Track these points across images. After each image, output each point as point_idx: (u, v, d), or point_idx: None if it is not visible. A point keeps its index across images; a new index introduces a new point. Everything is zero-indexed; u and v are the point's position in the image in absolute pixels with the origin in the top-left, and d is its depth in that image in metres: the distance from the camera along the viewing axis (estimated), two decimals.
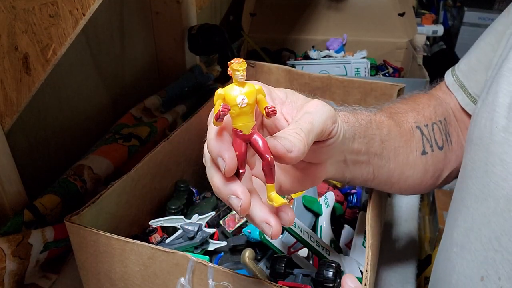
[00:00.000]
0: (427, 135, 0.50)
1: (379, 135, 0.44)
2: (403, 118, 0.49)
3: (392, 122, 0.47)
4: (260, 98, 0.30)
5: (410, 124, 0.49)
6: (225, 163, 0.29)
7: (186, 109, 0.88)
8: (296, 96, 0.35)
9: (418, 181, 0.50)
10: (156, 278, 0.43)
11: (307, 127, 0.31)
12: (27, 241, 0.52)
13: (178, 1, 0.87)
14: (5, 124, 0.52)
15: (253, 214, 0.30)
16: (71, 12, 0.46)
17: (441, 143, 0.51)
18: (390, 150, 0.46)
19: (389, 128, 0.46)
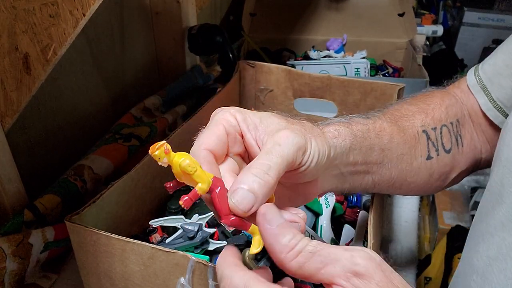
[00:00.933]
0: (434, 139, 0.48)
1: (379, 144, 0.43)
2: (409, 122, 0.47)
3: (395, 129, 0.45)
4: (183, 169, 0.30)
5: (416, 128, 0.47)
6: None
7: (186, 109, 0.88)
8: (270, 120, 0.34)
9: (422, 185, 0.48)
10: (156, 278, 0.43)
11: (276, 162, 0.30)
12: (27, 241, 0.52)
13: (178, 1, 0.88)
14: (5, 123, 0.52)
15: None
16: (71, 12, 0.46)
17: (449, 146, 0.49)
18: (392, 158, 0.44)
19: (391, 136, 0.44)
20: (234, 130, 0.34)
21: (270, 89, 0.80)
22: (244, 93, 0.82)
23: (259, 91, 0.81)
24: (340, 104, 0.76)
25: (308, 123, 0.37)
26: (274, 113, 0.36)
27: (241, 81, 0.80)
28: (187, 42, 0.91)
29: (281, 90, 0.79)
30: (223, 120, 0.34)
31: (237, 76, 0.78)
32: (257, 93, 0.81)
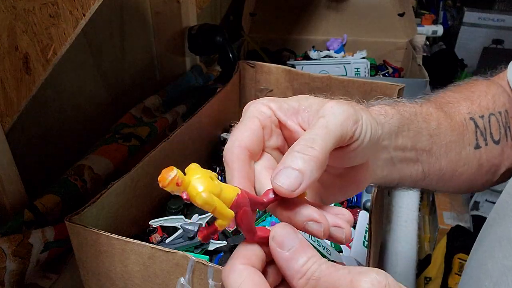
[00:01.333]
0: (482, 128, 0.44)
1: (427, 128, 0.39)
2: (455, 108, 0.44)
3: (441, 114, 0.42)
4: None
5: (463, 115, 0.44)
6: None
7: (186, 109, 0.88)
8: (309, 101, 0.31)
9: (473, 177, 0.45)
10: (156, 278, 0.43)
11: (321, 134, 0.27)
12: (27, 241, 0.52)
13: (178, 1, 0.88)
14: (5, 123, 0.52)
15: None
16: (71, 12, 0.46)
17: (498, 137, 0.45)
18: (441, 145, 0.41)
19: (439, 121, 0.41)
20: (270, 121, 0.31)
21: (270, 89, 0.80)
22: (244, 93, 0.82)
23: (259, 91, 0.81)
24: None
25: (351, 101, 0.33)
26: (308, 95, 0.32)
27: (241, 81, 0.80)
28: (187, 42, 0.91)
29: (281, 90, 0.79)
30: (256, 113, 0.31)
31: (237, 76, 0.78)
32: (257, 93, 0.81)
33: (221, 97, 0.74)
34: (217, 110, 0.74)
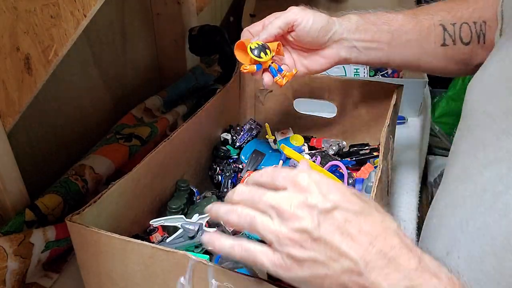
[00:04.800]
0: (451, 31, 0.56)
1: (387, 28, 0.56)
2: (427, 16, 0.57)
3: (408, 19, 0.57)
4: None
5: (433, 21, 0.56)
6: None
7: (187, 110, 0.89)
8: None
9: (442, 66, 0.59)
10: (157, 278, 0.43)
11: (273, 20, 0.56)
12: (28, 240, 0.52)
13: (178, 2, 0.88)
14: (7, 124, 0.52)
15: None
16: (72, 13, 0.46)
17: (468, 40, 0.56)
18: (401, 41, 0.57)
19: (402, 24, 0.57)
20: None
21: (270, 90, 0.80)
22: (244, 93, 0.82)
23: (259, 92, 0.81)
24: (340, 105, 0.76)
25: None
26: None
27: (241, 81, 0.80)
28: (187, 43, 0.91)
29: (280, 91, 0.79)
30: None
31: (237, 76, 0.79)
32: (257, 93, 0.81)
33: (221, 97, 0.74)
34: (217, 110, 0.74)
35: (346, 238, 0.32)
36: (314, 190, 0.33)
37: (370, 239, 0.32)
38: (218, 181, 0.71)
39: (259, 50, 0.53)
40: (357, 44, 0.57)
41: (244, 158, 0.74)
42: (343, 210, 0.33)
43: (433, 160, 1.52)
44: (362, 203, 0.34)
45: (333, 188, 0.34)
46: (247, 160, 0.72)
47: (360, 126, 0.77)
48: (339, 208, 0.33)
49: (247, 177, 0.66)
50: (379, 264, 0.31)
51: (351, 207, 0.33)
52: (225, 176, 0.70)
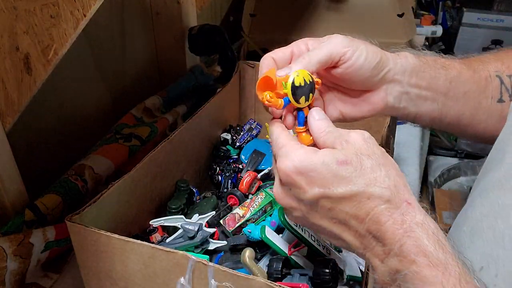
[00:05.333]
0: (508, 85, 0.49)
1: (445, 74, 0.46)
2: (482, 66, 0.49)
3: (464, 67, 0.48)
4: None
5: (489, 72, 0.48)
6: None
7: (187, 109, 0.89)
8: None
9: (493, 129, 0.49)
10: (157, 278, 0.43)
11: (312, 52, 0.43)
12: (28, 240, 0.52)
13: (178, 2, 0.88)
14: (6, 123, 0.52)
15: None
16: (72, 13, 0.46)
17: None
18: (459, 92, 0.47)
19: (459, 72, 0.47)
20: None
21: None
22: (244, 93, 0.82)
23: None
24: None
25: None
26: None
27: (241, 81, 0.80)
28: (187, 42, 0.91)
29: None
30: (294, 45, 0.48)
31: (237, 76, 0.79)
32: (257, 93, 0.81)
33: (221, 97, 0.74)
34: (217, 110, 0.74)
35: (336, 224, 0.35)
36: (294, 180, 0.35)
37: (358, 222, 0.34)
38: (218, 181, 0.71)
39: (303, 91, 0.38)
40: (410, 90, 0.46)
41: (244, 158, 0.74)
42: (325, 198, 0.35)
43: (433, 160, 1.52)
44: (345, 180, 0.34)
45: (313, 175, 0.35)
46: (247, 160, 0.72)
47: (360, 126, 0.77)
48: (322, 198, 0.35)
49: (247, 177, 0.66)
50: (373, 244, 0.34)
51: (332, 192, 0.34)
52: (225, 176, 0.70)
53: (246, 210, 0.60)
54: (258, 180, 0.68)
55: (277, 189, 0.39)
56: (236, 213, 0.60)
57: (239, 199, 0.64)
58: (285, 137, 0.38)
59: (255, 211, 0.60)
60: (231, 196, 0.65)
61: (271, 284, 0.37)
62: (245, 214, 0.59)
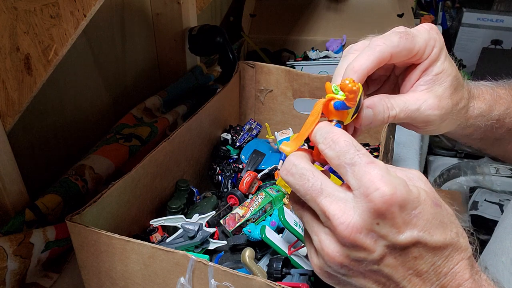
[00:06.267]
0: None
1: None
2: None
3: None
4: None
5: None
6: None
7: (187, 110, 0.89)
8: (447, 79, 0.38)
9: None
10: (157, 277, 0.43)
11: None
12: (28, 240, 0.52)
13: (178, 2, 0.88)
14: (6, 124, 0.52)
15: None
16: (72, 13, 0.46)
17: None
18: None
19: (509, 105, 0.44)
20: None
21: (270, 90, 0.80)
22: (244, 93, 0.82)
23: (259, 92, 0.81)
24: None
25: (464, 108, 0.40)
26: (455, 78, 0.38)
27: (241, 81, 0.80)
28: (187, 42, 0.91)
29: (280, 91, 0.80)
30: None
31: (237, 76, 0.79)
32: (257, 93, 0.81)
33: (221, 97, 0.74)
34: (217, 110, 0.74)
35: (411, 275, 0.28)
36: (391, 215, 0.27)
37: (438, 276, 0.28)
38: (218, 181, 0.71)
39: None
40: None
41: (244, 158, 0.74)
42: (421, 245, 0.28)
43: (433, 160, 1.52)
44: (442, 227, 0.28)
45: (418, 212, 0.27)
46: (247, 160, 0.72)
47: None
48: (419, 243, 0.27)
49: (247, 177, 0.66)
50: None
51: (431, 240, 0.28)
52: (225, 176, 0.70)
53: (246, 210, 0.60)
54: (258, 180, 0.68)
55: (356, 218, 0.27)
56: (236, 213, 0.60)
57: (239, 199, 0.64)
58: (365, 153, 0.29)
59: (255, 211, 0.60)
60: (231, 196, 0.65)
61: (271, 284, 0.37)
62: (245, 214, 0.59)
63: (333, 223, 0.27)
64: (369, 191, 0.27)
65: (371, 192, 0.27)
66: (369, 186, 0.27)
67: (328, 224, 0.28)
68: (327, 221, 0.28)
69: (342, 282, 0.30)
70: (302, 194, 0.29)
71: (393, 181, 0.27)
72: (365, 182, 0.27)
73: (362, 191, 0.27)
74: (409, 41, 0.35)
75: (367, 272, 0.29)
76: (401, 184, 0.27)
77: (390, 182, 0.27)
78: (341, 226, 0.27)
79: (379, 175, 0.27)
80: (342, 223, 0.27)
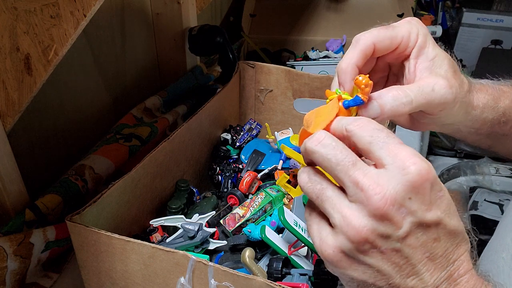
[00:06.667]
0: None
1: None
2: None
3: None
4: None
5: None
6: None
7: (187, 110, 0.89)
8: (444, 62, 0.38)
9: None
10: (157, 277, 0.43)
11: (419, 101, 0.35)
12: (28, 240, 0.52)
13: (178, 2, 0.88)
14: (6, 124, 0.52)
15: None
16: (72, 13, 0.46)
17: None
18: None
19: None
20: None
21: (270, 90, 0.80)
22: (244, 93, 0.82)
23: (259, 91, 0.81)
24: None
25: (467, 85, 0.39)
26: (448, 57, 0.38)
27: (241, 81, 0.81)
28: (187, 42, 0.91)
29: (280, 91, 0.80)
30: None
31: (237, 76, 0.79)
32: (257, 93, 0.81)
33: (221, 97, 0.74)
34: (217, 110, 0.74)
35: (427, 258, 0.29)
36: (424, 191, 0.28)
37: (448, 263, 0.29)
38: (218, 181, 0.71)
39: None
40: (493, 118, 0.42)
41: (244, 158, 0.74)
42: (441, 227, 0.29)
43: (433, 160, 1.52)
44: (457, 213, 0.30)
45: (442, 194, 0.29)
46: (247, 160, 0.72)
47: None
48: (440, 225, 0.28)
49: (247, 177, 0.66)
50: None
51: (450, 223, 0.29)
52: (225, 176, 0.70)
53: (246, 210, 0.60)
54: (258, 180, 0.68)
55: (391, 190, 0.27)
56: (236, 213, 0.60)
57: (239, 199, 0.64)
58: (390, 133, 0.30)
59: (255, 211, 0.60)
60: (231, 196, 0.65)
61: (271, 284, 0.37)
62: (245, 214, 0.60)
63: (367, 193, 0.27)
64: (406, 165, 0.27)
65: (408, 165, 0.27)
66: (406, 160, 0.27)
67: (359, 196, 0.28)
68: (358, 193, 0.28)
69: (356, 265, 0.30)
70: (334, 165, 0.29)
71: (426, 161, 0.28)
72: (402, 157, 0.28)
73: (398, 165, 0.28)
74: (390, 30, 0.36)
75: (388, 251, 0.28)
76: (431, 165, 0.28)
77: (425, 160, 0.28)
78: (375, 196, 0.27)
79: (413, 152, 0.28)
80: (378, 193, 0.27)
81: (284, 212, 0.50)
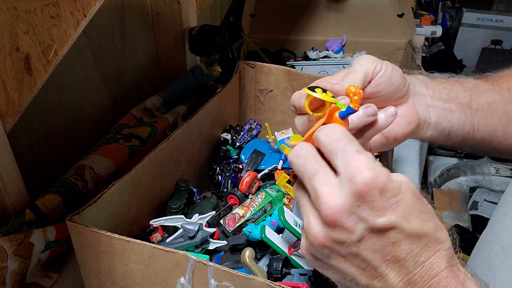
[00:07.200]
0: None
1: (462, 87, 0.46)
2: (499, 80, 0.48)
3: (480, 81, 0.47)
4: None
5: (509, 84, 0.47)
6: None
7: (187, 110, 0.89)
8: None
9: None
10: (157, 277, 0.43)
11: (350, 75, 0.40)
12: (28, 240, 0.52)
13: (178, 2, 0.88)
14: (6, 124, 0.52)
15: None
16: (72, 13, 0.46)
17: None
18: (482, 103, 0.46)
19: (476, 84, 0.47)
20: None
21: (270, 90, 0.80)
22: (244, 93, 0.82)
23: (259, 91, 0.81)
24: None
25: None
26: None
27: (241, 81, 0.81)
28: (187, 42, 0.91)
29: (280, 91, 0.80)
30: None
31: (237, 76, 0.79)
32: (257, 93, 0.81)
33: (221, 97, 0.74)
34: (217, 110, 0.74)
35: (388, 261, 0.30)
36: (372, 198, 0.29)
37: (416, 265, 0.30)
38: (218, 181, 0.71)
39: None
40: (434, 104, 0.45)
41: (244, 158, 0.74)
42: (398, 231, 0.29)
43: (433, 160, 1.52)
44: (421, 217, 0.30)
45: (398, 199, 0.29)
46: (247, 160, 0.72)
47: None
48: (396, 229, 0.29)
49: (247, 177, 0.66)
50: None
51: (408, 226, 0.29)
52: (225, 176, 0.70)
53: (246, 210, 0.60)
54: (258, 180, 0.68)
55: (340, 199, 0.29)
56: (236, 213, 0.60)
57: (239, 199, 0.64)
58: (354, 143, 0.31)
59: (255, 211, 0.60)
60: (231, 196, 0.65)
61: (271, 284, 0.37)
62: (245, 214, 0.60)
63: (321, 202, 0.30)
64: (354, 175, 0.29)
65: (355, 176, 0.29)
66: (355, 171, 0.29)
67: (317, 204, 0.30)
68: (315, 201, 0.31)
69: (326, 266, 0.32)
70: (301, 174, 0.32)
71: (377, 169, 0.29)
72: (351, 167, 0.30)
73: (347, 175, 0.30)
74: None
75: (348, 255, 0.30)
76: (383, 173, 0.29)
77: (374, 169, 0.29)
78: (324, 206, 0.30)
79: (365, 161, 0.30)
80: (326, 203, 0.30)
81: (284, 212, 0.50)
